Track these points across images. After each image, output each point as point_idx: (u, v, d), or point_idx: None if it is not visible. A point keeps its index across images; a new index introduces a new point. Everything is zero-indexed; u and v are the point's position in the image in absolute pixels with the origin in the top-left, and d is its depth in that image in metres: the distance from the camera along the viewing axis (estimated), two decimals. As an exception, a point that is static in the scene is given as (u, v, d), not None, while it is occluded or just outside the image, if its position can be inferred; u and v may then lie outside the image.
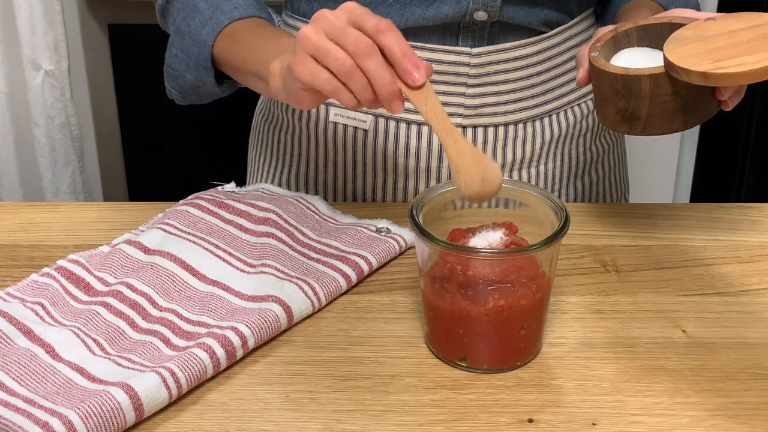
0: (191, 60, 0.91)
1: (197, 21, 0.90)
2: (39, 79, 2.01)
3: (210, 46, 0.89)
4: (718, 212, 0.95)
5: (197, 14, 0.91)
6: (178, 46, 0.93)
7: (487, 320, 0.70)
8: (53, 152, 2.07)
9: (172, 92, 0.98)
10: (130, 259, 0.82)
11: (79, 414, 0.63)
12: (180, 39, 0.92)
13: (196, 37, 0.90)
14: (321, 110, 0.98)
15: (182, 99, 0.98)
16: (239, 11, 0.89)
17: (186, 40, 0.91)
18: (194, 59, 0.91)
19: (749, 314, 0.79)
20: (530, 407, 0.69)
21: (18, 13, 1.96)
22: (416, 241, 0.72)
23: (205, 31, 0.89)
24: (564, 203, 0.74)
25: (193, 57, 0.91)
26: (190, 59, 0.91)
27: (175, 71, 0.94)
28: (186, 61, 0.92)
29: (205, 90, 0.94)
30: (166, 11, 0.95)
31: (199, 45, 0.90)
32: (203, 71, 0.91)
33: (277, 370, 0.73)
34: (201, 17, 0.90)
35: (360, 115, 0.96)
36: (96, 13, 2.01)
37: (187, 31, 0.91)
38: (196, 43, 0.90)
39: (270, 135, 1.05)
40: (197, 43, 0.90)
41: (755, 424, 0.67)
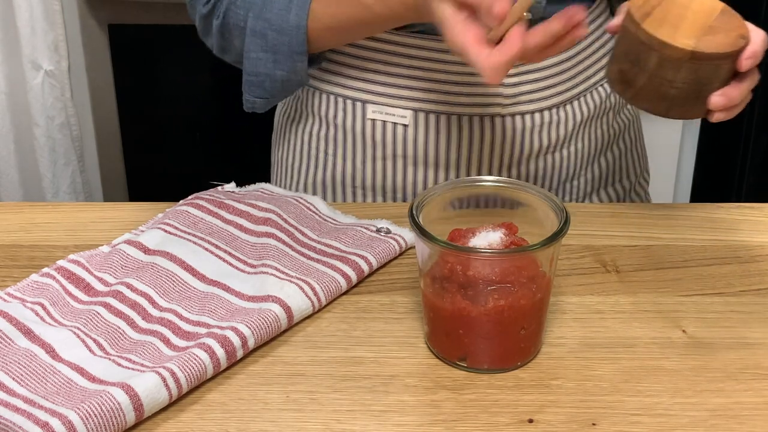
0: (281, 53, 0.91)
1: (276, 11, 0.90)
2: (39, 79, 2.01)
3: (305, 26, 0.89)
4: (718, 212, 0.95)
5: (271, 5, 0.91)
6: (257, 48, 0.92)
7: (487, 320, 0.70)
8: (53, 152, 2.07)
9: (255, 102, 0.97)
10: (130, 259, 0.82)
11: (79, 414, 0.63)
12: (259, 40, 0.92)
13: (283, 26, 0.90)
14: (358, 107, 0.98)
15: (266, 104, 0.98)
16: None
17: (269, 36, 0.91)
18: (286, 50, 0.91)
19: (749, 314, 0.79)
20: (530, 407, 0.69)
21: (18, 13, 1.96)
22: (416, 241, 0.72)
23: (293, 14, 0.90)
24: (564, 203, 0.74)
25: (284, 48, 0.91)
26: (278, 54, 0.91)
27: (260, 76, 0.94)
28: (272, 58, 0.92)
29: (296, 81, 0.94)
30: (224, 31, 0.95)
31: (288, 33, 0.90)
32: (297, 58, 0.91)
33: (277, 370, 0.73)
34: (278, 6, 0.90)
35: (399, 110, 0.96)
36: (96, 13, 2.01)
37: (266, 27, 0.91)
38: (285, 32, 0.90)
39: (299, 135, 1.05)
40: (286, 32, 0.90)
41: (755, 424, 0.67)
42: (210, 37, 0.98)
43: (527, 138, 0.97)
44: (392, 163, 0.99)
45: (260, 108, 0.98)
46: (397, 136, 0.97)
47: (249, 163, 2.20)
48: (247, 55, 0.94)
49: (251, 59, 0.94)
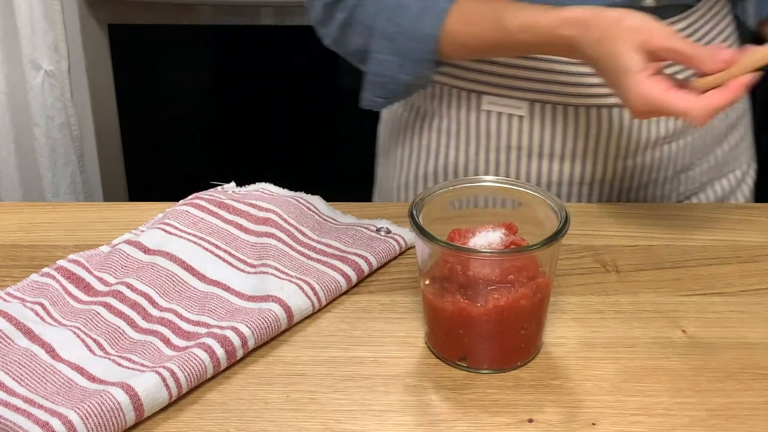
0: (409, 59, 0.91)
1: (409, 16, 0.90)
2: (39, 79, 2.01)
3: (437, 36, 0.89)
4: (718, 212, 0.95)
5: (405, 10, 0.90)
6: (385, 50, 0.92)
7: (487, 320, 0.70)
8: (53, 152, 2.07)
9: (375, 101, 0.97)
10: (130, 259, 0.82)
11: (79, 414, 0.63)
12: (388, 42, 0.91)
13: (415, 33, 0.90)
14: (473, 99, 0.98)
15: (386, 104, 0.98)
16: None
17: (399, 41, 0.91)
18: (415, 56, 0.91)
19: (749, 314, 0.79)
20: (530, 407, 0.69)
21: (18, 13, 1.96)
22: (416, 241, 0.72)
23: (426, 23, 0.89)
24: (564, 203, 0.74)
25: (413, 54, 0.91)
26: (406, 59, 0.91)
27: (384, 77, 0.94)
28: (399, 62, 0.92)
29: (419, 86, 0.95)
30: (348, 25, 0.94)
31: (419, 40, 0.90)
32: (425, 65, 0.91)
33: (277, 370, 0.73)
34: (413, 12, 0.90)
35: (515, 102, 0.97)
36: (96, 13, 2.01)
37: (398, 31, 0.90)
38: (416, 39, 0.90)
39: (411, 126, 1.05)
40: (417, 39, 0.90)
41: (755, 424, 0.67)
42: (326, 27, 0.97)
43: (644, 129, 0.97)
44: (506, 155, 0.99)
45: (379, 107, 0.98)
46: (513, 127, 0.97)
47: (249, 163, 2.20)
48: (373, 55, 0.93)
49: (377, 60, 0.93)
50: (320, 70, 2.11)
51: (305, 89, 2.12)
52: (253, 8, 2.00)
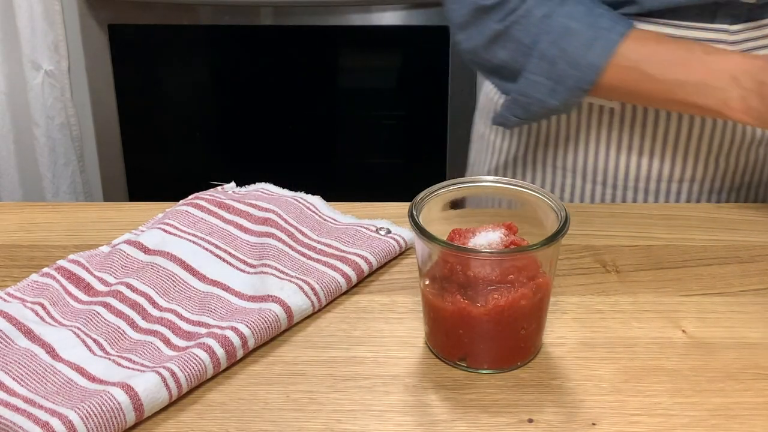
0: (563, 85, 0.90)
1: (576, 44, 0.89)
2: (39, 79, 2.01)
3: (600, 68, 0.88)
4: (718, 212, 0.95)
5: (573, 36, 0.89)
6: (541, 73, 0.90)
7: (487, 320, 0.70)
8: (53, 152, 2.07)
9: (509, 120, 0.96)
10: (130, 259, 0.82)
11: (79, 414, 0.63)
12: (546, 65, 0.90)
13: (579, 60, 0.89)
14: None
15: (519, 124, 0.97)
16: (621, 26, 0.88)
17: (559, 65, 0.89)
18: (571, 83, 0.90)
19: (749, 314, 0.79)
20: (530, 407, 0.69)
21: (18, 13, 1.96)
22: (416, 241, 0.72)
23: (594, 53, 0.88)
24: (564, 203, 0.74)
25: (571, 81, 0.89)
26: (560, 85, 0.90)
27: (531, 99, 0.92)
28: (553, 87, 0.90)
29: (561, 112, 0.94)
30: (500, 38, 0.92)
31: (581, 69, 0.89)
32: (578, 94, 0.90)
33: (277, 370, 0.73)
34: (581, 39, 0.89)
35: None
36: (96, 13, 2.01)
37: (560, 55, 0.89)
38: (578, 67, 0.89)
39: None
40: (579, 67, 0.89)
41: (755, 424, 0.67)
42: (469, 32, 0.94)
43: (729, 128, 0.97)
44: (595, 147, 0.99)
45: (510, 125, 0.98)
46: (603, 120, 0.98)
47: (249, 163, 2.20)
48: (526, 75, 0.92)
49: (529, 81, 0.92)
50: (320, 70, 2.11)
51: (305, 89, 2.12)
52: (253, 8, 2.00)
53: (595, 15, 0.89)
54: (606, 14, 0.90)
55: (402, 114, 2.17)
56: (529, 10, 0.90)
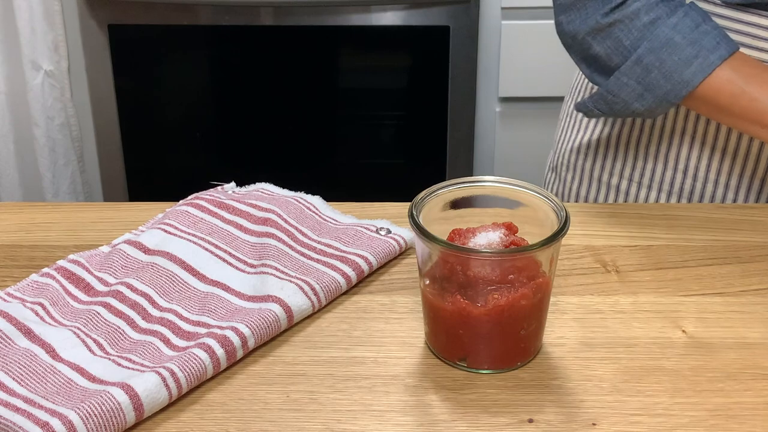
0: (653, 94, 0.90)
1: (675, 57, 0.89)
2: (39, 79, 2.01)
3: (694, 86, 0.88)
4: (718, 212, 0.95)
5: (674, 49, 0.89)
6: (633, 76, 0.91)
7: (487, 320, 0.70)
8: (53, 152, 2.07)
9: (591, 110, 0.97)
10: (130, 259, 0.82)
11: (79, 414, 0.63)
12: (641, 71, 0.90)
13: (674, 74, 0.89)
14: None
15: (600, 116, 0.98)
16: (723, 48, 0.88)
17: (653, 74, 0.90)
18: (661, 94, 0.90)
19: (749, 314, 0.79)
20: (530, 407, 0.69)
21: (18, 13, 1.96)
22: (416, 241, 0.72)
23: (690, 70, 0.88)
24: (564, 203, 0.74)
25: (661, 92, 0.90)
26: (649, 93, 0.90)
27: (617, 98, 0.93)
28: (642, 93, 0.91)
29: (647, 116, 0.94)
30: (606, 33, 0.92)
31: (674, 82, 0.89)
32: (664, 105, 0.90)
33: (277, 370, 0.73)
34: (681, 54, 0.89)
35: None
36: (96, 13, 2.02)
37: (656, 65, 0.89)
38: (672, 81, 0.89)
39: None
40: (673, 81, 0.89)
41: (755, 424, 0.67)
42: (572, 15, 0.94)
43: None
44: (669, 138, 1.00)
45: (592, 116, 0.98)
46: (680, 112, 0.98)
47: (249, 163, 2.20)
48: (618, 75, 0.92)
49: (619, 81, 0.92)
50: (320, 70, 2.11)
51: (305, 89, 2.12)
52: (253, 8, 2.00)
53: (700, 32, 0.89)
54: (712, 33, 0.89)
55: (402, 114, 2.17)
56: (636, 12, 0.90)
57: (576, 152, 1.11)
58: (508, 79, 2.05)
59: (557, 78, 1.99)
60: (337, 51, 2.12)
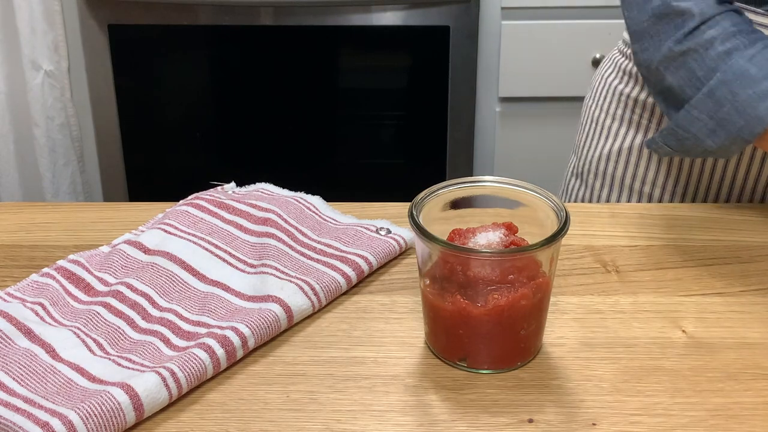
0: (726, 129, 0.85)
1: (750, 91, 0.83)
2: (39, 79, 2.01)
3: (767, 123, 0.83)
4: (718, 212, 0.95)
5: (748, 82, 0.83)
6: (705, 110, 0.86)
7: (487, 320, 0.70)
8: (53, 152, 2.07)
9: (661, 147, 0.92)
10: (130, 260, 0.82)
11: (79, 414, 0.63)
12: (713, 105, 0.85)
13: (747, 109, 0.83)
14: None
15: (671, 154, 0.93)
16: None
17: (725, 108, 0.84)
18: (734, 131, 0.84)
19: (749, 314, 0.79)
20: (530, 407, 0.69)
21: (18, 13, 1.96)
22: (416, 241, 0.72)
23: (764, 106, 0.83)
24: (564, 203, 0.74)
25: (734, 128, 0.84)
26: (722, 128, 0.85)
27: (688, 134, 0.88)
28: (714, 128, 0.86)
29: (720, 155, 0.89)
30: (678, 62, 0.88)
31: (748, 118, 0.83)
32: (738, 142, 0.85)
33: (277, 370, 0.73)
34: (756, 88, 0.83)
35: None
36: (96, 13, 2.01)
37: (729, 98, 0.84)
38: (745, 117, 0.84)
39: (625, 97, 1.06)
40: (746, 117, 0.83)
41: (755, 424, 0.67)
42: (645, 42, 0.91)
43: None
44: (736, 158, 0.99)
45: (662, 154, 0.94)
46: None
47: (249, 163, 2.20)
48: (689, 109, 0.87)
49: (690, 115, 0.87)
50: (320, 70, 2.11)
51: (305, 89, 2.12)
52: (253, 8, 2.00)
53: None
54: None
55: (402, 114, 2.17)
56: (711, 40, 0.86)
57: (606, 159, 1.09)
58: (508, 79, 2.05)
59: (557, 78, 1.99)
60: (337, 51, 2.12)
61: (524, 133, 2.10)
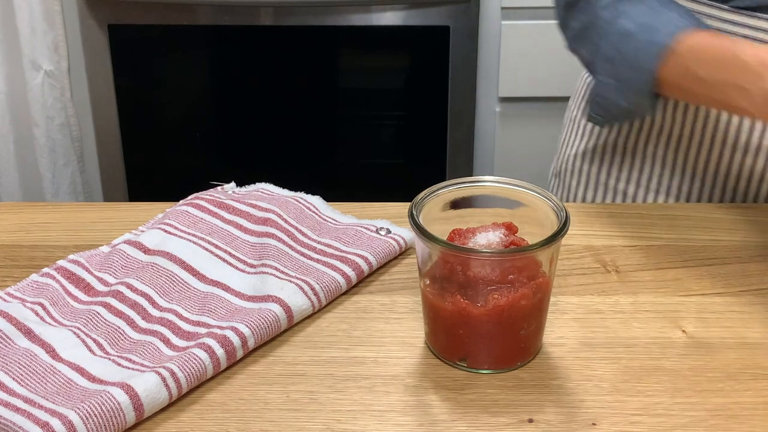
0: (628, 87, 0.89)
1: (632, 46, 0.88)
2: (39, 79, 2.01)
3: (652, 71, 0.86)
4: (718, 212, 0.95)
5: (629, 39, 0.88)
6: (608, 74, 0.90)
7: (487, 320, 0.70)
8: (53, 152, 2.07)
9: (595, 119, 0.96)
10: (130, 260, 0.82)
11: (79, 414, 0.63)
12: (610, 67, 0.90)
13: (633, 63, 0.88)
14: None
15: (605, 123, 0.97)
16: (674, 24, 0.86)
17: (619, 67, 0.89)
18: (633, 86, 0.89)
19: (749, 314, 0.79)
20: (530, 407, 0.69)
21: (18, 13, 1.96)
22: (416, 241, 0.72)
23: (645, 56, 0.87)
24: (564, 203, 0.74)
25: (632, 84, 0.89)
26: (624, 86, 0.89)
27: (605, 99, 0.92)
28: (619, 88, 0.90)
29: (640, 114, 0.93)
30: (583, 37, 0.93)
31: (638, 71, 0.87)
32: (643, 97, 0.89)
33: (277, 370, 0.73)
34: (635, 42, 0.87)
35: None
36: (96, 13, 2.02)
37: (618, 58, 0.89)
38: (634, 70, 0.88)
39: None
40: (635, 70, 0.88)
41: (755, 424, 0.67)
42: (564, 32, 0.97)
43: None
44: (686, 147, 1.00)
45: (601, 125, 0.98)
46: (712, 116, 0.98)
47: (249, 163, 2.20)
48: (597, 75, 0.92)
49: (599, 81, 0.92)
50: (320, 70, 2.11)
51: (305, 89, 2.12)
52: (253, 8, 2.00)
53: (654, 15, 0.89)
54: (666, 15, 0.89)
55: (402, 114, 2.17)
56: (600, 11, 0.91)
57: (581, 157, 1.10)
58: (508, 79, 2.05)
59: (557, 78, 1.99)
60: (337, 51, 2.12)
61: (524, 133, 2.10)
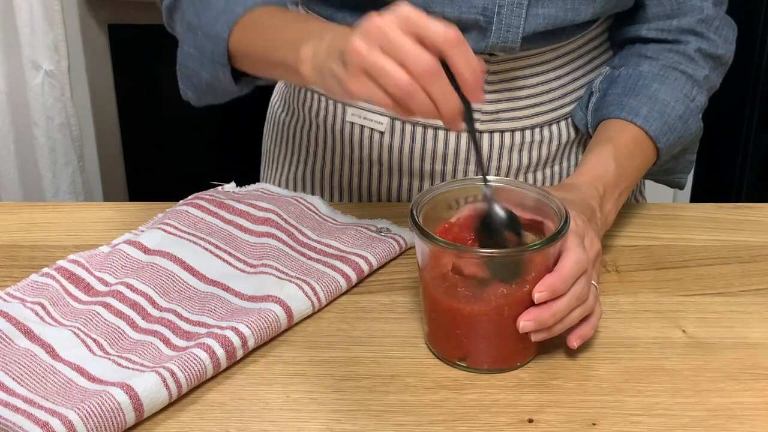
0: (206, 57, 0.86)
1: (210, 14, 0.85)
2: (39, 79, 2.01)
3: (225, 39, 0.84)
4: (718, 212, 0.95)
5: (210, 7, 0.86)
6: (190, 43, 0.87)
7: (487, 320, 0.70)
8: (53, 152, 2.07)
9: (187, 93, 0.93)
10: (130, 260, 0.82)
11: (79, 414, 0.63)
12: (192, 35, 0.87)
13: (210, 31, 0.85)
14: (338, 109, 0.97)
15: (198, 100, 0.93)
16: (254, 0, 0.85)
17: (198, 35, 0.86)
18: (209, 55, 0.86)
19: (749, 314, 0.79)
20: (530, 407, 0.69)
21: (18, 13, 1.96)
22: (416, 241, 0.72)
23: (219, 23, 0.84)
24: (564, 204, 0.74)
25: (208, 53, 0.86)
26: (204, 56, 0.86)
27: (189, 70, 0.89)
28: (200, 58, 0.87)
29: (222, 88, 0.89)
30: (174, 8, 0.91)
31: (213, 39, 0.85)
32: (219, 68, 0.86)
33: (277, 370, 0.73)
34: (214, 10, 0.85)
35: (377, 116, 0.95)
36: (96, 13, 2.02)
37: (198, 25, 0.86)
38: (210, 38, 0.85)
39: (286, 128, 1.04)
40: (211, 38, 0.85)
41: (755, 424, 0.67)
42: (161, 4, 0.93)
43: (505, 156, 0.95)
44: (368, 168, 0.98)
45: (193, 101, 0.94)
46: (374, 141, 0.96)
47: (249, 163, 2.20)
48: (181, 46, 0.90)
49: (183, 51, 0.89)
50: (320, 70, 2.11)
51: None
52: (253, 8, 2.00)
53: None
54: None
55: (402, 114, 2.17)
56: None
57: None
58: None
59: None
60: (337, 51, 2.12)
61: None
